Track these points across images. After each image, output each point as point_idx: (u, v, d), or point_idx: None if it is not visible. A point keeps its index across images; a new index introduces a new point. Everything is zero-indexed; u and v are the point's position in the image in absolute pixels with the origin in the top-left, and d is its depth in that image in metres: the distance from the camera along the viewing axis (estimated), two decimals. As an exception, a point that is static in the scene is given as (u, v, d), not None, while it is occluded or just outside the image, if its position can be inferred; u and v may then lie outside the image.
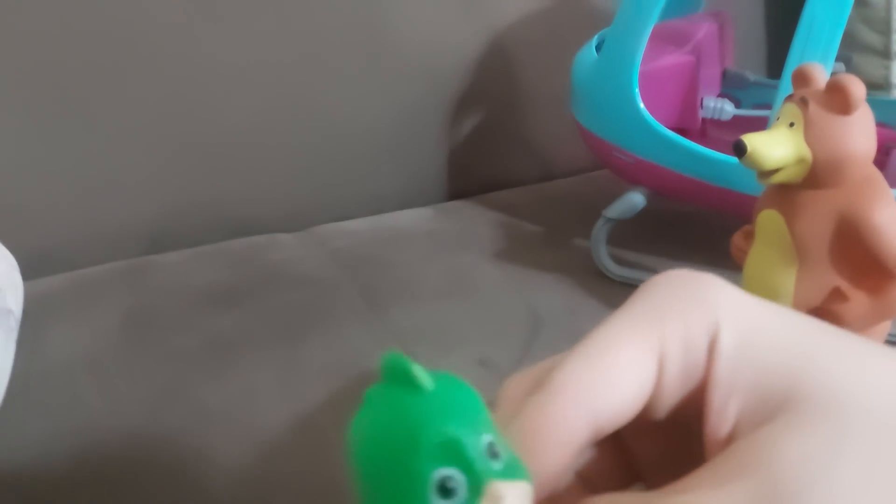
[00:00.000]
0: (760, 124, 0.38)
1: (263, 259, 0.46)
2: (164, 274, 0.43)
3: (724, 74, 0.53)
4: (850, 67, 0.45)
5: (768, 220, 0.30)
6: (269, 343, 0.36)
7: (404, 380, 0.15)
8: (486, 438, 0.15)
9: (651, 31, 0.40)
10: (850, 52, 0.64)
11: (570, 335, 0.40)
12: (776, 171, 0.28)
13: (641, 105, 0.40)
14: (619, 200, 0.44)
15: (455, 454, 0.15)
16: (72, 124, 0.45)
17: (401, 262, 0.45)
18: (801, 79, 0.29)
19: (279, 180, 0.52)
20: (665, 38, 0.46)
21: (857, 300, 0.28)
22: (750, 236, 0.33)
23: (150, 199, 0.48)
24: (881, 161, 0.45)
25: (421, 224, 0.52)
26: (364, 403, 0.15)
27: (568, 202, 0.55)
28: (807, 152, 0.27)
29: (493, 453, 0.15)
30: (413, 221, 0.52)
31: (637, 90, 0.40)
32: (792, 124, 0.28)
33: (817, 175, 0.28)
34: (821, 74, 0.29)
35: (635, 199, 0.43)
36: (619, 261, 0.44)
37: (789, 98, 0.29)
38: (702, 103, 0.46)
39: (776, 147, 0.28)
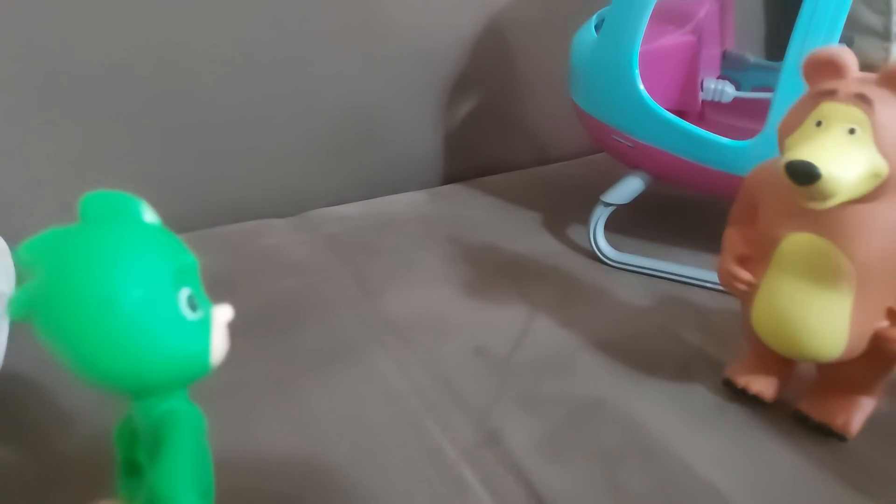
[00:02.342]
0: (760, 107, 0.37)
1: (256, 244, 0.45)
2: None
3: (724, 56, 0.52)
4: (853, 49, 0.44)
5: (801, 246, 0.25)
6: (262, 330, 0.36)
7: (126, 216, 0.17)
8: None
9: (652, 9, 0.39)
10: (849, 32, 0.63)
11: (566, 323, 0.40)
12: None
13: (642, 87, 0.39)
14: (618, 185, 0.43)
15: (190, 276, 0.18)
16: (62, 110, 0.44)
17: (394, 247, 0.45)
18: (831, 67, 0.24)
19: (272, 164, 0.51)
20: (666, 18, 0.45)
21: None
22: (748, 262, 0.28)
23: (140, 183, 0.47)
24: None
25: (415, 209, 0.51)
26: (72, 239, 0.16)
27: (565, 187, 0.55)
28: (883, 165, 0.22)
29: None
30: (407, 206, 0.52)
31: (637, 71, 0.39)
32: (853, 130, 0.22)
33: (888, 188, 0.23)
34: (853, 61, 0.24)
35: (634, 184, 0.43)
36: (617, 246, 0.43)
37: (829, 95, 0.23)
38: (702, 85, 0.45)
39: (850, 165, 0.22)
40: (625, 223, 0.45)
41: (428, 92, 0.55)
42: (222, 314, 0.18)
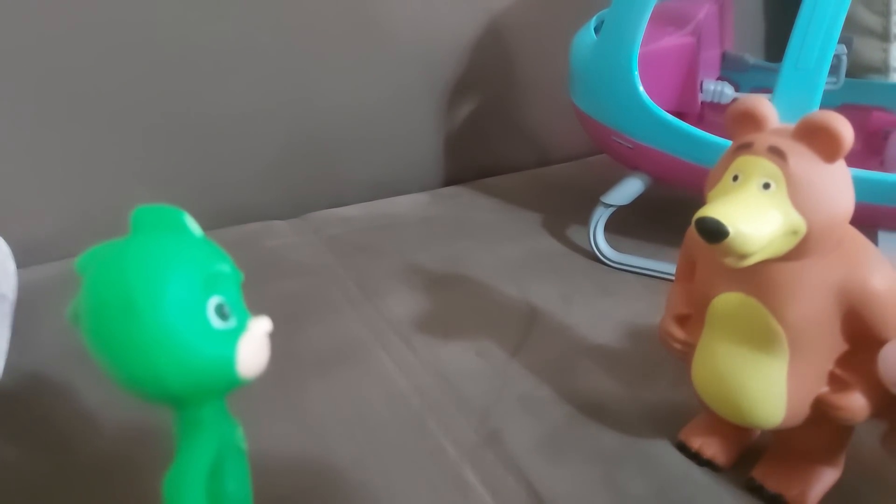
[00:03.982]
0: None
1: (258, 246, 0.45)
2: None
3: (724, 57, 0.52)
4: (851, 50, 0.44)
5: (731, 306, 0.24)
6: (264, 332, 0.36)
7: (170, 227, 0.18)
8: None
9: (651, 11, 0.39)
10: (848, 34, 0.63)
11: (566, 324, 0.40)
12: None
13: (641, 88, 0.39)
14: (618, 186, 0.43)
15: (224, 285, 0.18)
16: (65, 112, 0.44)
17: (396, 249, 0.45)
18: (748, 119, 0.23)
19: (274, 167, 0.52)
20: (665, 19, 0.45)
21: (862, 385, 0.23)
22: (685, 322, 0.26)
23: (142, 185, 0.48)
24: (879, 145, 0.45)
25: (416, 210, 0.51)
26: (120, 250, 0.17)
27: (565, 188, 0.55)
28: (800, 222, 0.21)
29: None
30: (408, 208, 0.52)
31: (637, 73, 0.39)
32: (767, 185, 0.21)
33: (809, 246, 0.21)
34: (771, 111, 0.23)
35: (634, 185, 0.43)
36: (617, 247, 0.43)
37: (745, 149, 0.22)
38: (701, 86, 0.45)
39: (762, 222, 0.20)
40: (625, 224, 0.45)
41: (429, 94, 0.56)
42: (259, 325, 0.18)
